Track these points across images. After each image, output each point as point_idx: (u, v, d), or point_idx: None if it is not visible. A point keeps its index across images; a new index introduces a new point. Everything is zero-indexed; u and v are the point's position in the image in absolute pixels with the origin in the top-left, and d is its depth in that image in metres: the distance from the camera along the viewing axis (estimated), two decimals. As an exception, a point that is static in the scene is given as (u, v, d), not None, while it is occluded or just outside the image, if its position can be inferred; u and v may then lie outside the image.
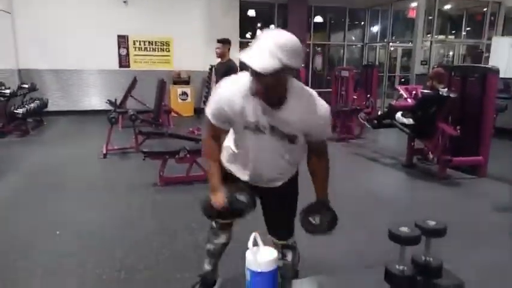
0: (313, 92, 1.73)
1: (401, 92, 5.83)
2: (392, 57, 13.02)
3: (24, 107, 7.39)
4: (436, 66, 6.09)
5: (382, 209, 3.86)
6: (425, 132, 5.04)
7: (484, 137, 4.86)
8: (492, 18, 10.93)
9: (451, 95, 4.67)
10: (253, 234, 1.86)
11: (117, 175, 4.88)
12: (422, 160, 5.59)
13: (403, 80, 13.07)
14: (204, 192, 1.91)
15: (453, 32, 13.43)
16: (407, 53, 13.57)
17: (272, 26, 11.76)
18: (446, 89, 4.77)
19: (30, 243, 3.00)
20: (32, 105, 7.73)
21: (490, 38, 10.67)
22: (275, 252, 1.88)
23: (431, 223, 1.17)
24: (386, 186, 4.86)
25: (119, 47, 10.01)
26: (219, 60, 5.24)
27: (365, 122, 6.03)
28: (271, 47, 1.45)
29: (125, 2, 9.70)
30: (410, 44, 13.28)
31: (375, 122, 5.81)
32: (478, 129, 4.87)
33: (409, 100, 5.56)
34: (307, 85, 1.78)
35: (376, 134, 7.42)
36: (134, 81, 8.96)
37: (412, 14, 11.66)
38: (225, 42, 5.14)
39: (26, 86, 8.15)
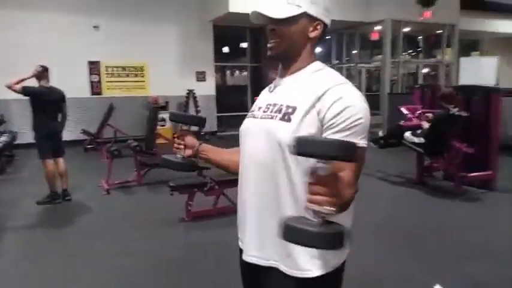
0: (344, 81, 1.13)
1: (405, 112, 6.02)
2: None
3: (-4, 142, 6.69)
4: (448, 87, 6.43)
5: (421, 228, 3.91)
6: (437, 150, 5.23)
7: (492, 153, 5.14)
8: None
9: (463, 114, 4.90)
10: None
11: (137, 211, 4.53)
12: (428, 177, 5.78)
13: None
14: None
15: (409, 52, 14.37)
16: (371, 73, 14.30)
17: (245, 45, 11.85)
18: (457, 109, 4.98)
19: None
20: (4, 139, 7.02)
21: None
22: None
23: None
24: (411, 205, 4.87)
25: (90, 74, 9.47)
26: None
27: (371, 142, 6.13)
28: None
29: (95, 27, 9.25)
30: (372, 64, 14.06)
31: (382, 142, 5.93)
32: (487, 145, 5.15)
33: (414, 120, 5.76)
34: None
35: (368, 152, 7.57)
36: (111, 109, 8.51)
37: (375, 37, 12.31)
38: None
39: (-6, 118, 7.41)
